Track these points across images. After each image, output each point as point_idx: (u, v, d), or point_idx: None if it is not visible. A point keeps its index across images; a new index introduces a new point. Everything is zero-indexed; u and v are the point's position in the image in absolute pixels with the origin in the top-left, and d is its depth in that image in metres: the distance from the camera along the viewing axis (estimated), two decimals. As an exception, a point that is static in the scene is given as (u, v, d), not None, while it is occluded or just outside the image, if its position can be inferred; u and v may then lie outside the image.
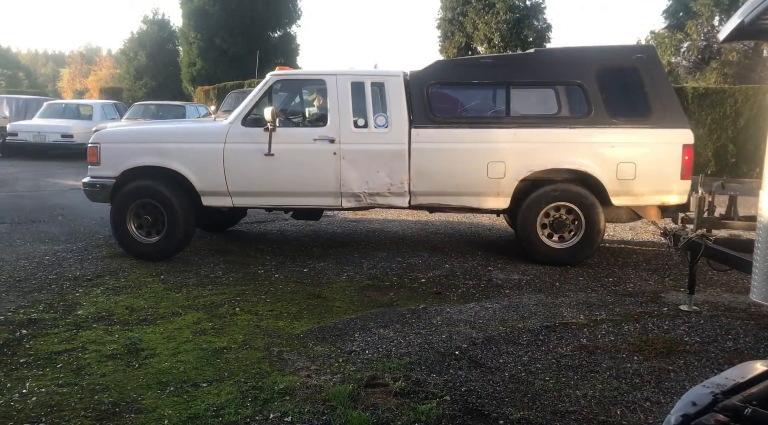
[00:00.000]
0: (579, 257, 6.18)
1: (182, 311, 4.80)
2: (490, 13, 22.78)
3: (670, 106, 5.93)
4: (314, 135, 6.20)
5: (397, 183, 6.16)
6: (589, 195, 6.03)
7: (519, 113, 6.26)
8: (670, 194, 5.96)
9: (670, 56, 23.80)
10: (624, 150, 5.91)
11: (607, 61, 6.17)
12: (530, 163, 6.02)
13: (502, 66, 6.44)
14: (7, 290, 5.29)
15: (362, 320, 4.63)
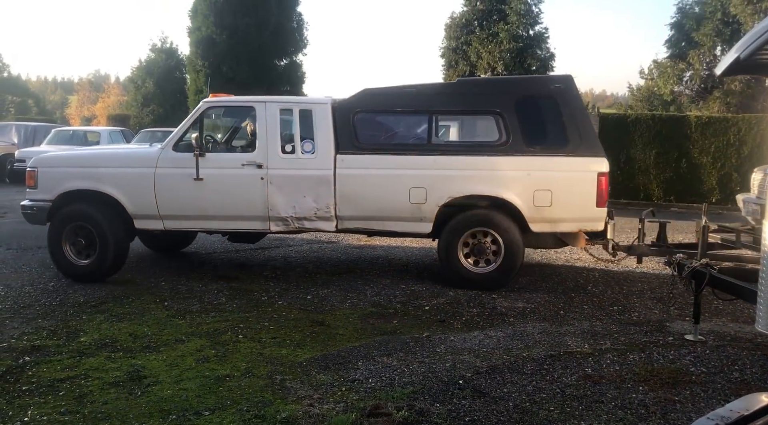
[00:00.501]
0: (499, 282, 6.27)
1: (185, 338, 4.79)
2: (493, 42, 23.03)
3: (586, 135, 6.05)
4: (243, 160, 6.38)
5: (324, 208, 6.31)
6: (507, 221, 6.14)
7: (440, 141, 6.47)
8: (586, 221, 6.06)
9: (673, 85, 23.98)
10: (540, 178, 6.02)
11: (527, 90, 6.33)
12: (450, 189, 6.15)
13: (425, 95, 6.53)
14: (12, 317, 5.30)
15: (366, 348, 4.61)
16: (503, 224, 6.14)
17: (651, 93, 26.02)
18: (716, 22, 21.24)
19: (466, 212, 6.21)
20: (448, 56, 25.51)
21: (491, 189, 6.10)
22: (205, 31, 25.78)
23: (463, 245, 6.27)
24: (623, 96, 46.72)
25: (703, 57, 22.42)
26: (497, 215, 6.16)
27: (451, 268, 6.30)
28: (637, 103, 27.20)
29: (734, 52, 3.20)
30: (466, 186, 6.14)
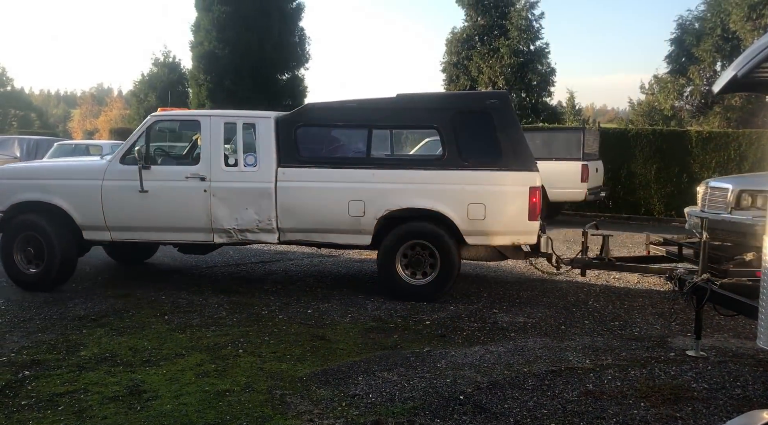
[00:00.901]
0: (436, 294, 6.33)
1: (185, 353, 4.78)
2: (494, 57, 23.15)
3: (519, 150, 6.13)
4: (187, 173, 6.52)
5: (265, 220, 6.43)
6: (443, 234, 6.22)
7: (377, 155, 6.58)
8: (519, 234, 6.15)
9: (673, 100, 24.08)
10: (474, 191, 6.12)
11: (463, 106, 6.43)
12: (387, 202, 6.24)
13: (366, 109, 6.64)
14: (11, 330, 5.29)
15: (366, 362, 4.59)
16: (439, 236, 6.23)
17: (652, 108, 26.12)
18: (716, 38, 21.36)
19: (404, 225, 6.31)
20: (449, 71, 25.64)
21: (427, 203, 6.19)
22: (207, 45, 25.96)
23: (401, 256, 6.35)
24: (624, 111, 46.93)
25: (703, 72, 22.53)
26: (434, 227, 6.25)
27: (389, 279, 6.39)
28: (638, 118, 27.29)
29: (732, 69, 3.22)
30: (402, 199, 6.24)
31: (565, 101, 31.62)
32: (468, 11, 25.12)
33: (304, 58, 28.50)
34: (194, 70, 27.15)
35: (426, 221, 6.27)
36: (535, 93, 23.30)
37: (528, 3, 23.29)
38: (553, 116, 23.49)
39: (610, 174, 14.69)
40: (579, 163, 12.49)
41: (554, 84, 23.99)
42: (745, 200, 6.48)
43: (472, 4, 24.68)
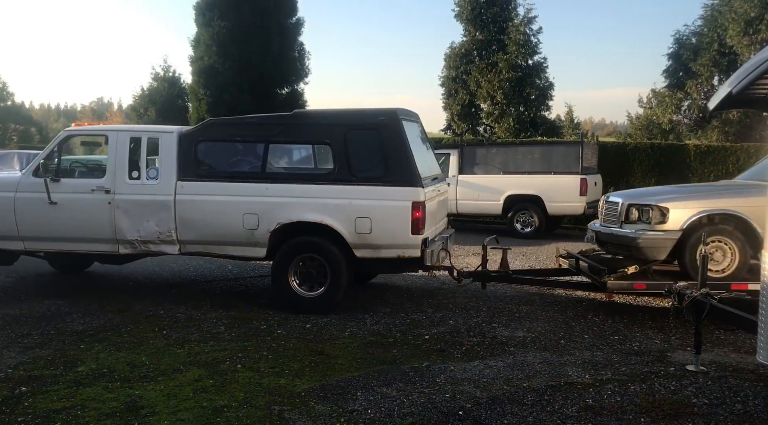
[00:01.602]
0: (327, 306, 6.44)
1: (183, 368, 4.75)
2: (492, 71, 23.23)
3: (404, 166, 6.22)
4: (93, 185, 6.78)
5: (166, 232, 6.65)
6: (333, 247, 6.35)
7: (273, 169, 6.81)
8: (403, 247, 6.22)
9: (671, 114, 24.15)
10: (361, 206, 6.24)
11: (355, 123, 6.54)
12: (279, 216, 6.39)
13: (263, 126, 6.82)
14: (9, 346, 5.27)
15: (365, 378, 4.57)
16: (329, 250, 6.36)
17: (650, 122, 26.19)
18: (713, 53, 21.48)
19: (296, 238, 6.45)
20: (447, 85, 25.73)
21: (316, 216, 6.33)
22: (207, 60, 26.07)
23: (294, 269, 6.47)
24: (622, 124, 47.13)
25: (700, 87, 22.63)
26: (324, 241, 6.38)
27: (283, 291, 6.51)
28: (636, 131, 27.36)
29: (727, 86, 3.25)
30: (293, 213, 6.38)
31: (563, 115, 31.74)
32: (466, 26, 25.26)
33: (303, 73, 28.59)
34: (194, 85, 27.23)
35: (316, 234, 6.40)
36: (534, 107, 23.35)
37: (526, 18, 23.43)
38: (551, 130, 23.54)
39: (608, 188, 14.71)
40: (578, 177, 12.53)
41: (552, 98, 24.04)
42: (633, 213, 6.59)
43: (470, 20, 24.82)
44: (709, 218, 6.24)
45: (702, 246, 5.08)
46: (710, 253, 6.06)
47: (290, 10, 27.82)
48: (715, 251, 6.15)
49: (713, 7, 22.39)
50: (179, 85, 31.95)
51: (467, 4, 24.79)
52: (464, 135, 22.20)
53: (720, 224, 6.21)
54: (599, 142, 15.66)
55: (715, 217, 6.24)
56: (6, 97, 50.09)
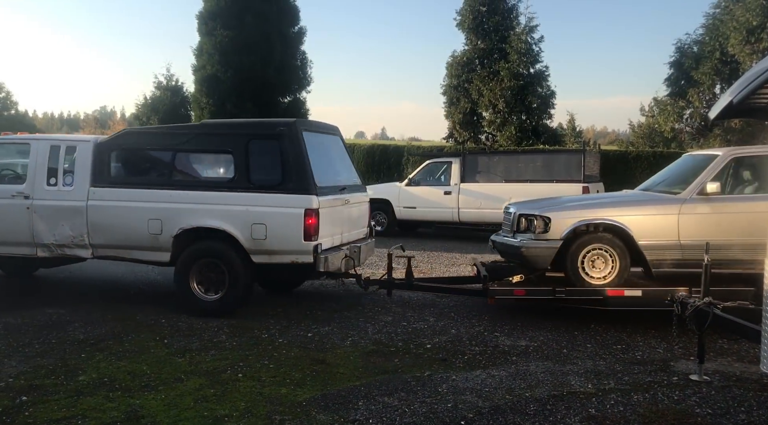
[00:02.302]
0: (227, 310, 6.60)
1: (184, 377, 4.74)
2: (494, 80, 23.27)
3: (300, 174, 6.41)
4: (13, 191, 7.05)
5: (79, 236, 6.90)
6: (231, 253, 6.51)
7: (178, 177, 6.96)
8: (297, 253, 6.37)
9: (673, 123, 24.15)
10: (257, 212, 6.42)
11: (255, 133, 6.79)
12: (180, 222, 6.59)
13: (173, 135, 7.14)
14: (10, 355, 5.26)
15: (366, 387, 4.56)
16: (228, 255, 6.52)
17: (652, 130, 26.19)
18: (715, 61, 21.50)
19: (198, 243, 6.64)
20: (449, 94, 25.77)
21: (215, 222, 6.51)
22: (209, 69, 26.16)
23: (195, 273, 6.63)
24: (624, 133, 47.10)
25: (702, 95, 22.63)
26: (223, 246, 6.55)
27: (185, 295, 6.67)
28: (638, 140, 27.36)
29: (728, 96, 3.25)
30: (194, 219, 6.57)
31: (565, 123, 31.75)
32: (468, 35, 25.34)
33: (305, 81, 28.68)
34: (196, 94, 27.32)
35: (215, 240, 6.58)
36: (536, 115, 23.35)
37: (527, 27, 23.50)
38: (553, 138, 23.55)
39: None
40: (580, 185, 12.51)
41: (554, 106, 24.04)
42: (522, 223, 6.77)
43: (472, 28, 24.90)
44: (588, 228, 6.44)
45: (706, 256, 5.06)
46: (591, 260, 6.40)
47: (292, 19, 27.95)
48: (596, 259, 6.41)
49: (715, 16, 22.44)
50: (182, 94, 32.01)
51: (469, 13, 24.88)
52: (466, 143, 22.21)
53: (599, 233, 6.42)
54: (601, 150, 15.65)
55: (593, 226, 6.44)
56: (10, 106, 50.34)
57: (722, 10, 22.05)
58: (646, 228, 6.30)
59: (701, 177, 6.36)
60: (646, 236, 6.27)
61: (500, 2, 24.77)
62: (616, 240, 6.37)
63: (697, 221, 6.22)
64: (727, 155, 6.44)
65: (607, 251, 6.40)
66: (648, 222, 6.34)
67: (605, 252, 6.41)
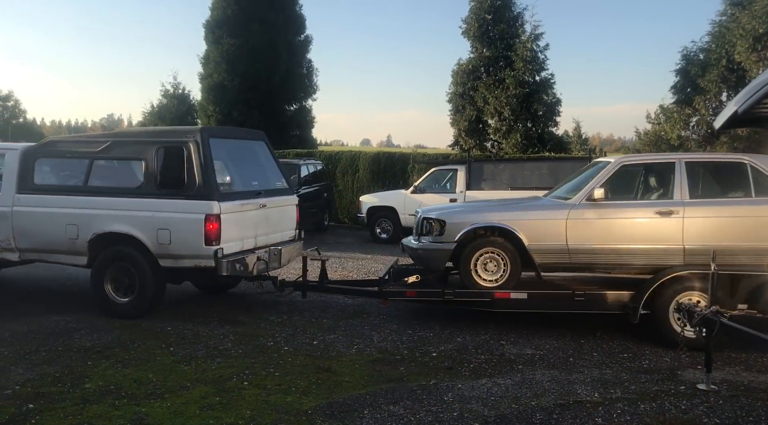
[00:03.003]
0: (139, 312, 6.82)
1: (190, 385, 4.75)
2: (500, 88, 23.27)
3: (205, 181, 6.56)
4: None
5: (5, 240, 7.20)
6: (140, 257, 6.73)
7: (94, 184, 7.12)
8: (199, 258, 6.52)
9: (680, 130, 24.08)
10: (162, 218, 6.62)
11: (164, 141, 6.95)
12: (95, 226, 6.86)
13: (92, 143, 7.33)
14: (17, 363, 5.28)
15: (372, 395, 4.55)
16: (137, 259, 6.75)
17: (658, 137, 26.08)
18: (721, 69, 21.44)
19: (110, 248, 6.87)
20: (455, 101, 25.78)
21: (124, 228, 6.75)
22: (216, 77, 26.31)
23: (109, 276, 6.88)
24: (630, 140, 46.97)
25: (709, 102, 22.56)
26: (132, 251, 6.76)
27: (99, 297, 6.92)
28: (645, 147, 27.25)
29: (732, 106, 3.25)
30: (106, 224, 6.82)
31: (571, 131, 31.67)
32: (473, 43, 25.38)
33: (311, 89, 28.80)
34: (203, 102, 27.47)
35: (126, 244, 6.80)
36: (541, 123, 23.30)
37: (533, 35, 23.50)
38: (559, 146, 23.48)
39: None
40: (586, 192, 12.46)
41: (560, 114, 23.97)
42: (424, 226, 6.93)
43: (477, 36, 24.94)
44: (480, 231, 6.61)
45: (713, 264, 5.04)
46: (484, 263, 6.58)
47: (299, 27, 28.11)
48: (488, 262, 6.58)
49: (721, 24, 22.39)
50: (189, 102, 32.18)
51: (474, 21, 24.93)
52: (471, 151, 22.20)
53: (492, 237, 6.58)
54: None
55: (486, 230, 6.60)
56: (18, 114, 50.66)
57: (728, 17, 22.01)
58: (536, 232, 6.45)
59: (591, 183, 6.50)
60: (536, 240, 6.42)
61: (506, 10, 24.83)
62: (507, 244, 6.53)
63: (583, 226, 6.37)
64: (617, 162, 6.61)
65: (499, 254, 6.55)
66: (538, 227, 6.49)
67: (497, 256, 6.56)
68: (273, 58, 26.34)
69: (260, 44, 25.90)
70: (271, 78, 26.27)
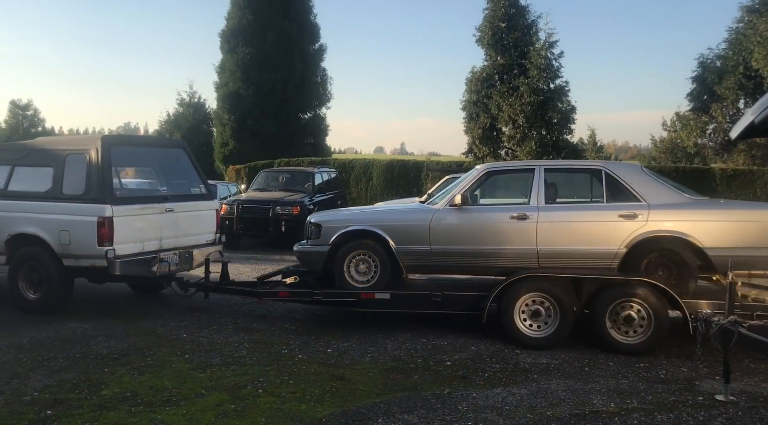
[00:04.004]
0: (47, 308, 7.32)
1: (205, 392, 4.77)
2: (514, 95, 23.24)
3: (100, 185, 7.05)
4: None
5: None
6: (46, 256, 7.22)
7: (14, 188, 7.60)
8: (93, 258, 6.97)
9: (696, 137, 23.91)
10: (64, 220, 7.10)
11: (72, 149, 7.49)
12: (10, 228, 7.39)
13: (15, 151, 7.97)
14: (35, 369, 5.34)
15: (386, 404, 4.54)
16: (44, 259, 7.24)
17: (674, 145, 25.95)
18: (738, 76, 21.29)
19: (22, 248, 7.37)
20: (469, 109, 25.79)
21: (33, 229, 7.25)
22: (231, 86, 26.52)
23: (23, 274, 7.39)
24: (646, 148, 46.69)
25: (726, 110, 22.40)
26: (39, 251, 7.26)
27: (13, 293, 7.46)
28: (661, 155, 27.12)
29: (749, 115, 3.22)
30: (19, 226, 7.34)
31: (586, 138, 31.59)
32: (488, 51, 25.39)
33: (325, 98, 28.95)
34: (219, 110, 27.69)
35: (34, 245, 7.28)
36: (556, 130, 23.22)
37: (547, 43, 23.46)
38: (574, 154, 23.37)
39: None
40: (601, 201, 12.38)
41: (575, 121, 23.83)
42: (308, 231, 7.32)
43: (491, 44, 24.96)
44: (352, 235, 6.94)
45: (730, 273, 4.99)
46: (356, 265, 6.95)
47: (313, 36, 28.29)
48: (360, 264, 6.94)
49: (738, 31, 22.26)
50: (204, 111, 32.46)
51: (488, 29, 24.95)
52: (485, 158, 22.17)
53: (363, 240, 6.91)
54: (622, 165, 15.49)
55: (358, 234, 6.94)
56: (37, 123, 51.32)
57: (745, 24, 21.87)
58: (402, 236, 6.81)
59: (456, 189, 6.85)
60: (402, 243, 6.78)
61: (520, 18, 24.83)
62: (377, 247, 6.85)
63: (445, 230, 6.73)
64: (481, 169, 6.98)
65: (370, 256, 6.89)
66: (404, 230, 6.86)
67: (369, 258, 6.90)
68: (287, 67, 26.51)
69: (275, 53, 26.10)
70: (286, 86, 26.44)
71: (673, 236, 6.19)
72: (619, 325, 5.99)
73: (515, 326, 6.19)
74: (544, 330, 6.15)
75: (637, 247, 6.26)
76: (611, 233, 6.32)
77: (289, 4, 26.88)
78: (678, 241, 6.19)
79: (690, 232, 6.14)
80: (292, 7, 26.99)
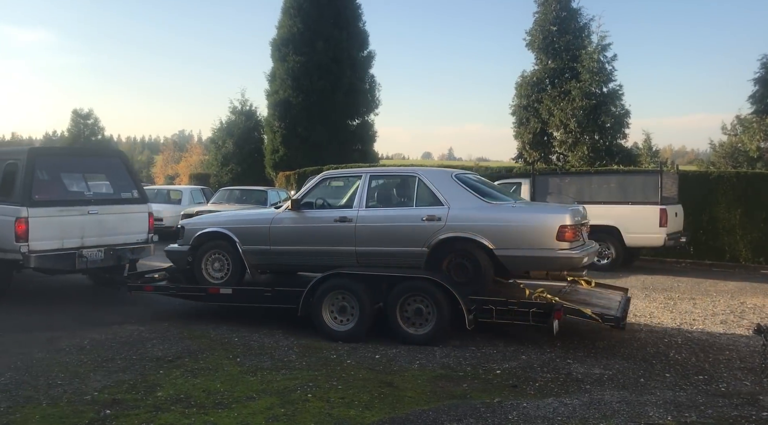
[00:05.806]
0: None
1: (256, 396, 4.84)
2: (565, 100, 22.89)
3: (24, 189, 8.01)
4: None
5: None
6: None
7: None
8: (12, 252, 7.90)
9: (759, 141, 23.02)
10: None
11: (10, 158, 8.48)
12: None
13: None
14: (95, 370, 5.53)
15: (435, 412, 4.51)
16: None
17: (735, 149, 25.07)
18: (803, 77, 20.41)
19: None
20: (519, 114, 25.52)
21: None
22: (282, 94, 26.96)
23: None
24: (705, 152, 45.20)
25: (790, 112, 21.49)
26: None
27: None
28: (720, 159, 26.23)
29: None
30: None
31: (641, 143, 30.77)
32: (538, 55, 25.11)
33: (374, 104, 29.11)
34: (269, 118, 28.18)
35: None
36: (609, 135, 22.73)
37: (600, 46, 23.02)
38: (628, 159, 22.81)
39: (690, 219, 14.06)
40: (657, 207, 12.05)
41: (629, 125, 23.28)
42: (180, 233, 8.01)
43: (542, 48, 24.67)
44: (207, 236, 7.63)
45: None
46: (212, 263, 7.62)
47: (362, 43, 28.51)
48: (216, 262, 7.61)
49: (802, 30, 21.34)
50: (255, 118, 33.07)
51: (539, 33, 24.67)
52: (536, 164, 21.89)
53: (217, 241, 7.59)
54: (679, 171, 15.04)
55: (212, 235, 7.61)
56: (97, 131, 53.31)
57: (810, 23, 20.95)
58: (248, 237, 7.44)
59: (295, 195, 7.51)
60: (247, 243, 7.42)
61: (571, 22, 24.46)
62: (229, 247, 7.51)
63: (282, 231, 7.33)
64: (321, 176, 7.59)
65: (224, 256, 7.55)
66: (249, 232, 7.49)
67: (222, 257, 7.57)
68: (336, 74, 26.79)
69: (324, 61, 26.41)
70: (335, 93, 26.72)
71: (465, 238, 6.55)
72: (410, 318, 6.51)
73: (323, 319, 6.71)
74: (347, 325, 6.65)
75: (437, 248, 6.64)
76: (417, 235, 6.73)
77: (338, 11, 27.19)
78: (470, 242, 6.55)
79: (481, 234, 6.49)
80: (341, 15, 27.28)
